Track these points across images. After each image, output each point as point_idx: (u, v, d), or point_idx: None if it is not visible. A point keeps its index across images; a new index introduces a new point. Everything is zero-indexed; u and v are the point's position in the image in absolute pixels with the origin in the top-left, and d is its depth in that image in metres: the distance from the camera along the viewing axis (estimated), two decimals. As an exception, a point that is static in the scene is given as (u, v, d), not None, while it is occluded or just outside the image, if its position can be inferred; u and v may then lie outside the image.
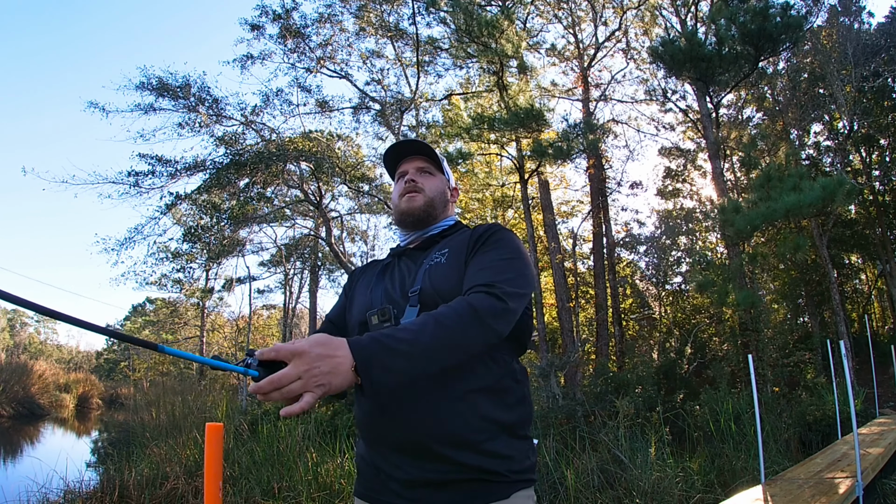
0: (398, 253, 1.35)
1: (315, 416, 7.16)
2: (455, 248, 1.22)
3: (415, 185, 1.35)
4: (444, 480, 1.02)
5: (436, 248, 1.27)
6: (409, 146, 1.40)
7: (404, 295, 1.17)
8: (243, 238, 14.95)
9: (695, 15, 11.48)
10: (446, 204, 1.38)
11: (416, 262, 1.26)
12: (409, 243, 1.36)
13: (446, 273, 1.16)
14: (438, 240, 1.31)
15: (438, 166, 1.40)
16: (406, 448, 1.05)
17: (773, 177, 8.50)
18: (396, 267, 1.29)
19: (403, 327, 0.93)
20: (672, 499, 4.30)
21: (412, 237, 1.36)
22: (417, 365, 0.89)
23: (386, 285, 1.24)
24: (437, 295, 1.11)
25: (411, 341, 0.88)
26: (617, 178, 14.82)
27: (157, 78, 11.22)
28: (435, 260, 1.21)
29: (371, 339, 0.87)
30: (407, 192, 1.34)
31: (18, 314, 44.35)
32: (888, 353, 10.25)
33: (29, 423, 16.21)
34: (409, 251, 1.33)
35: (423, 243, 1.32)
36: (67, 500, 4.75)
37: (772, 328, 10.86)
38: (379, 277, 1.28)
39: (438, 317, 0.94)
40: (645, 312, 14.88)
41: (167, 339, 24.53)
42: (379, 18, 12.61)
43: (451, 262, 1.18)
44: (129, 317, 31.65)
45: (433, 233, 1.34)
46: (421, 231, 1.35)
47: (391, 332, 0.89)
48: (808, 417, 7.46)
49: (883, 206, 14.99)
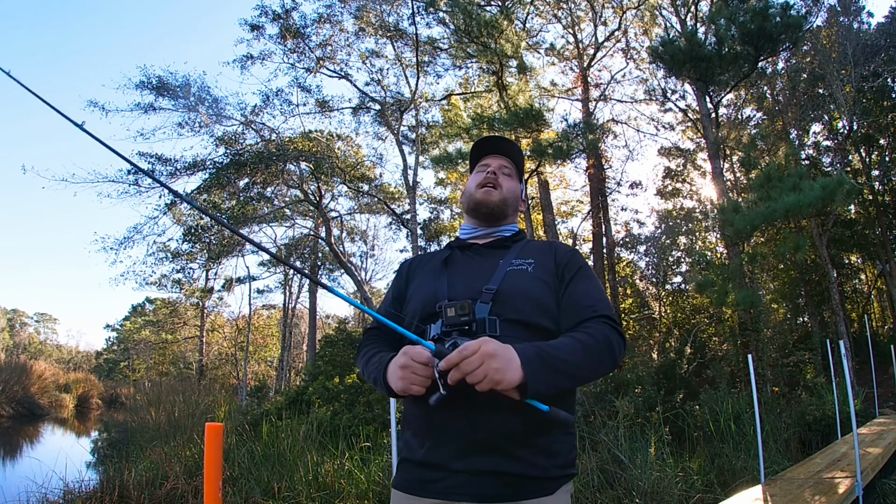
0: (460, 246, 1.37)
1: (315, 416, 7.17)
2: (541, 263, 1.27)
3: (495, 179, 1.38)
4: (503, 472, 1.07)
5: (512, 253, 1.29)
6: (501, 144, 1.45)
7: (475, 291, 1.19)
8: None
9: (695, 15, 11.48)
10: (516, 210, 1.42)
11: (487, 260, 1.28)
12: (474, 238, 1.38)
13: (531, 284, 1.21)
14: (509, 244, 1.34)
15: (519, 174, 1.45)
16: (473, 444, 1.08)
17: (773, 177, 8.50)
18: (461, 260, 1.31)
19: (558, 346, 1.06)
20: (672, 499, 4.30)
21: (479, 233, 1.38)
22: (565, 381, 1.04)
23: (453, 277, 1.25)
24: (514, 300, 1.17)
25: (567, 361, 1.04)
26: (617, 178, 14.83)
27: (157, 77, 11.21)
28: (518, 266, 1.25)
29: (536, 353, 1.01)
30: (485, 183, 1.37)
31: (18, 314, 44.36)
32: (888, 353, 10.25)
33: (29, 423, 16.20)
34: (475, 246, 1.35)
35: (492, 242, 1.35)
36: (67, 500, 4.74)
37: (771, 328, 10.87)
38: (441, 269, 1.29)
39: (586, 344, 1.08)
40: (645, 312, 14.87)
41: (167, 339, 24.54)
42: (378, 19, 12.60)
43: (537, 275, 1.24)
44: (129, 317, 31.65)
45: (504, 234, 1.37)
46: (489, 228, 1.37)
47: (551, 350, 1.03)
48: (807, 417, 7.46)
49: (882, 205, 14.99)
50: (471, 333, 1.09)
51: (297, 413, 7.65)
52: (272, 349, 25.09)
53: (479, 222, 1.38)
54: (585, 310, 1.17)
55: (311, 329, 19.71)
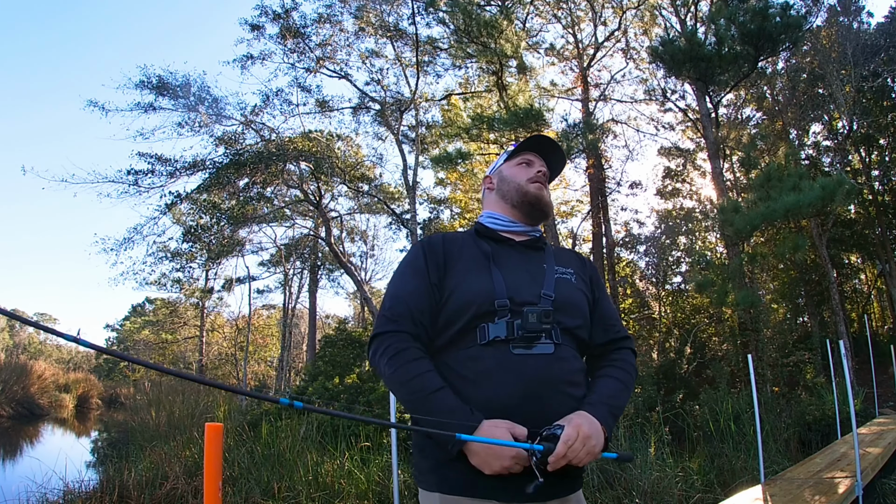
0: (495, 238, 1.29)
1: (315, 416, 7.16)
2: (578, 274, 1.30)
3: (545, 179, 1.36)
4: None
5: (550, 257, 1.28)
6: (555, 153, 1.40)
7: (534, 295, 1.17)
8: (243, 238, 14.92)
9: (694, 15, 11.48)
10: None
11: (531, 261, 1.26)
12: (510, 232, 1.32)
13: (578, 295, 1.25)
14: (541, 245, 1.32)
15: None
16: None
17: (773, 177, 8.50)
18: (505, 255, 1.25)
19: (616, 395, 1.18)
20: (672, 498, 4.30)
21: (517, 228, 1.32)
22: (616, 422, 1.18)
23: (508, 276, 1.19)
24: (568, 310, 1.20)
25: (622, 407, 1.20)
26: (616, 178, 14.80)
27: (157, 77, 11.21)
28: (563, 275, 1.25)
29: (610, 413, 1.13)
30: (538, 180, 1.33)
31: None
32: (887, 353, 10.25)
33: (28, 423, 16.19)
34: (511, 242, 1.29)
35: (528, 241, 1.31)
36: (67, 500, 4.74)
37: (771, 328, 10.88)
38: (487, 262, 1.21)
39: (628, 384, 1.23)
40: (644, 312, 14.86)
41: (167, 339, 24.51)
42: (378, 18, 12.60)
43: (579, 286, 1.27)
44: (129, 317, 31.65)
45: (537, 235, 1.35)
46: (528, 227, 1.33)
47: (616, 403, 1.17)
48: (807, 417, 7.47)
49: (882, 205, 15.00)
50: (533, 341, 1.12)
51: (297, 413, 7.64)
52: (272, 349, 25.07)
53: (523, 218, 1.33)
54: (612, 329, 1.30)
55: (311, 329, 19.71)
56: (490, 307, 1.13)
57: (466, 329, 1.14)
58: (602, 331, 1.28)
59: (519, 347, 1.11)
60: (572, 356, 1.19)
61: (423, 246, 1.26)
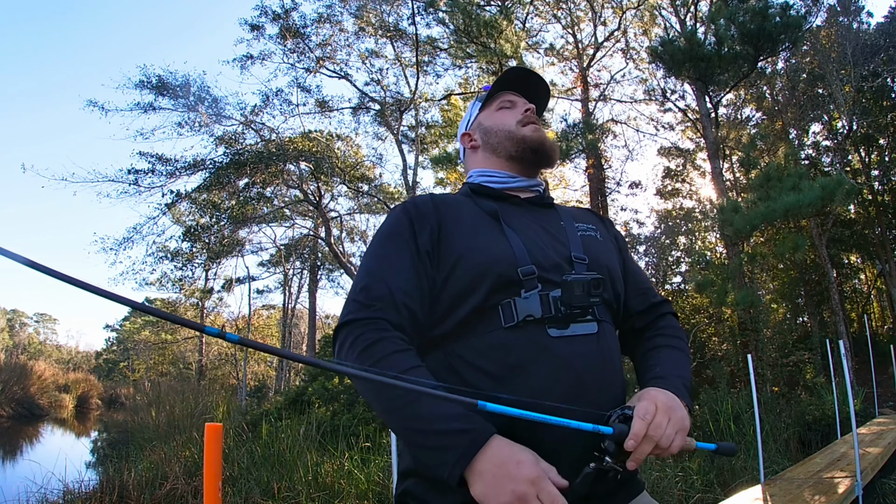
0: (497, 196, 1.04)
1: (315, 416, 7.17)
2: (602, 230, 1.09)
3: (537, 119, 1.11)
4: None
5: (564, 214, 1.06)
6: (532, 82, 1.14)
7: (564, 258, 0.94)
8: (243, 238, 14.94)
9: (694, 15, 11.48)
10: None
11: (546, 218, 1.03)
12: (513, 188, 1.06)
13: (610, 255, 1.03)
14: (551, 202, 1.09)
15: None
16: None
17: (773, 177, 8.50)
18: (516, 215, 1.00)
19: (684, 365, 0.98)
20: (672, 498, 4.30)
21: (519, 183, 1.06)
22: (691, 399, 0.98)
23: (527, 238, 0.94)
24: (604, 271, 0.97)
25: (691, 382, 0.97)
26: (616, 178, 14.82)
27: (157, 76, 11.22)
28: (588, 232, 1.03)
29: (685, 386, 0.91)
30: (531, 120, 1.08)
31: (18, 314, 44.33)
32: (887, 353, 10.25)
33: (28, 423, 16.20)
34: (516, 200, 1.05)
35: (534, 197, 1.07)
36: (67, 500, 4.74)
37: (771, 328, 10.87)
38: (497, 224, 0.96)
39: (687, 353, 1.03)
40: (644, 312, 14.87)
41: (166, 340, 24.53)
42: (378, 18, 12.60)
43: (607, 244, 1.06)
44: (129, 317, 31.64)
45: (541, 189, 1.10)
46: (529, 179, 1.08)
47: (687, 375, 0.96)
48: (807, 417, 7.46)
49: (882, 205, 15.01)
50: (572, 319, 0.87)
51: (297, 413, 7.65)
52: (272, 349, 25.04)
53: (522, 168, 1.07)
54: (650, 293, 1.09)
55: (311, 329, 19.71)
56: (513, 276, 0.87)
57: (483, 308, 0.87)
58: (640, 297, 1.06)
59: (554, 328, 0.86)
60: (615, 338, 0.98)
61: (406, 209, 0.96)
